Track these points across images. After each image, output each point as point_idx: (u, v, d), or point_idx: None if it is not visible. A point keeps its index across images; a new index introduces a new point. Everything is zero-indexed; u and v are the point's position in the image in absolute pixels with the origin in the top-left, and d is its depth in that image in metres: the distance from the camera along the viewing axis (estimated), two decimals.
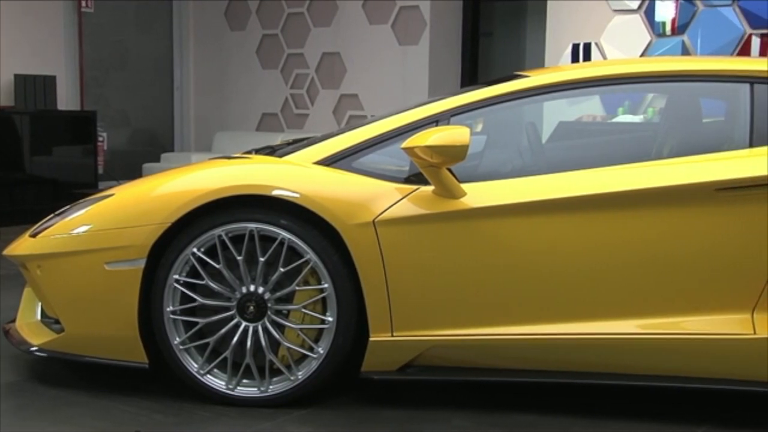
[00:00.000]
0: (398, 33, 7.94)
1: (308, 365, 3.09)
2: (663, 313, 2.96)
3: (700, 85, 3.37)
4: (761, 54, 5.39)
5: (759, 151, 3.02)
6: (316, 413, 3.06)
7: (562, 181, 3.04)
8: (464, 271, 3.02)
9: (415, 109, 3.33)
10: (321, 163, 3.20)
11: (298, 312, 3.09)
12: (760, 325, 2.91)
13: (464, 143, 2.90)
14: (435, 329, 3.04)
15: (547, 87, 3.27)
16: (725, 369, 2.96)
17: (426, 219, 3.02)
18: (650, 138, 3.82)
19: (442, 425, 2.98)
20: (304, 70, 8.64)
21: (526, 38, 8.21)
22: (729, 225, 2.93)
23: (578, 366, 3.04)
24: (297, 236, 3.04)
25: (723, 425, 2.99)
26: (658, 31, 5.90)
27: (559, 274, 3.00)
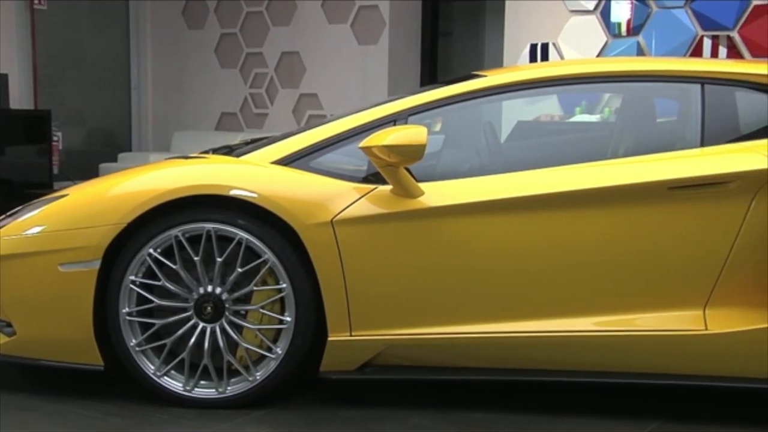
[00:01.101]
0: (357, 32, 7.94)
1: (267, 366, 3.07)
2: (618, 310, 3.00)
3: (654, 85, 3.42)
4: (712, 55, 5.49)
5: (710, 150, 3.08)
6: (274, 414, 3.05)
7: (519, 180, 3.07)
8: (422, 270, 3.04)
9: (373, 108, 3.33)
10: (279, 163, 3.19)
11: (256, 312, 3.08)
12: (711, 321, 2.96)
13: (422, 143, 2.91)
14: (393, 328, 3.05)
15: (503, 87, 3.30)
16: (678, 365, 3.01)
17: (384, 218, 3.02)
18: (606, 137, 3.87)
19: (401, 424, 2.99)
20: (263, 70, 8.60)
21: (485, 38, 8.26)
22: (681, 223, 2.98)
23: (535, 364, 3.07)
24: (255, 236, 3.02)
25: (677, 420, 3.04)
26: (614, 32, 5.98)
27: (516, 273, 3.02)
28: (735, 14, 5.38)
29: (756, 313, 2.95)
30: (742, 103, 3.17)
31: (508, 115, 4.12)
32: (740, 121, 3.17)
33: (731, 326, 2.92)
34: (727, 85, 3.17)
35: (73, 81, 9.04)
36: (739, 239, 2.94)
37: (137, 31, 9.26)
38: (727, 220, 2.95)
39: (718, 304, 2.98)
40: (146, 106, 9.37)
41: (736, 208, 2.94)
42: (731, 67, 3.32)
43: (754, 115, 3.16)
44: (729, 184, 2.92)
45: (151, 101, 9.35)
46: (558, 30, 6.33)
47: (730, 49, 5.43)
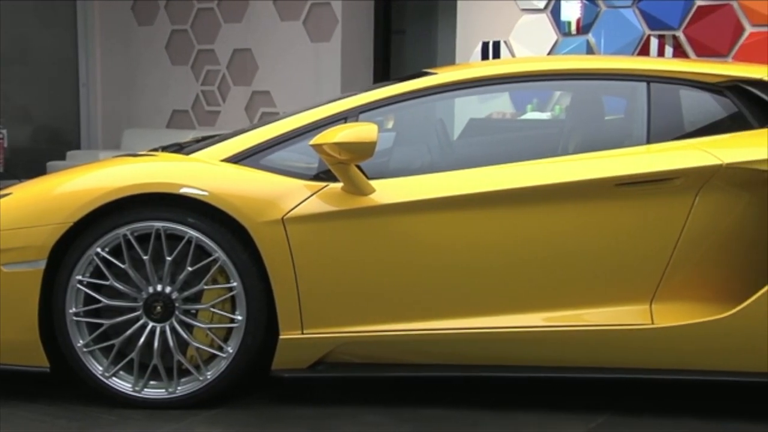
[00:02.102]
0: (310, 30, 7.91)
1: (217, 365, 3.05)
2: (566, 305, 3.04)
3: (602, 84, 3.47)
4: (659, 54, 5.58)
5: (656, 147, 3.13)
6: (225, 413, 3.03)
7: (470, 177, 3.09)
8: (374, 267, 3.04)
9: (324, 106, 3.33)
10: (229, 161, 3.16)
11: (207, 311, 3.05)
12: (658, 315, 3.01)
13: (372, 140, 2.91)
14: (346, 326, 3.05)
15: (454, 84, 3.31)
16: (626, 359, 3.05)
17: (335, 216, 3.02)
18: (556, 135, 3.92)
19: (353, 421, 2.99)
20: (215, 67, 8.52)
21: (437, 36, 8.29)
22: (628, 219, 3.02)
23: (486, 360, 3.09)
24: (205, 234, 3.00)
25: (623, 413, 3.09)
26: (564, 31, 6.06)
27: (466, 270, 3.04)
28: (680, 14, 5.48)
29: (700, 306, 3.01)
30: (686, 101, 3.23)
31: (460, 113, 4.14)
32: (685, 119, 3.23)
33: (677, 320, 2.98)
34: (671, 83, 3.23)
35: (19, 77, 8.84)
36: (684, 235, 3.00)
37: (85, 26, 9.09)
38: (672, 216, 3.00)
39: (664, 298, 3.03)
40: (95, 103, 9.22)
41: (681, 205, 2.99)
42: (676, 66, 3.39)
43: (697, 113, 3.23)
44: (674, 181, 2.98)
45: (101, 98, 9.20)
46: (509, 28, 6.38)
47: (675, 49, 5.53)
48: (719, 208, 3.00)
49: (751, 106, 3.14)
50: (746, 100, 3.15)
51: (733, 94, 3.17)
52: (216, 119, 8.59)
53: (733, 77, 3.20)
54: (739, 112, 3.16)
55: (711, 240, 3.01)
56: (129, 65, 9.08)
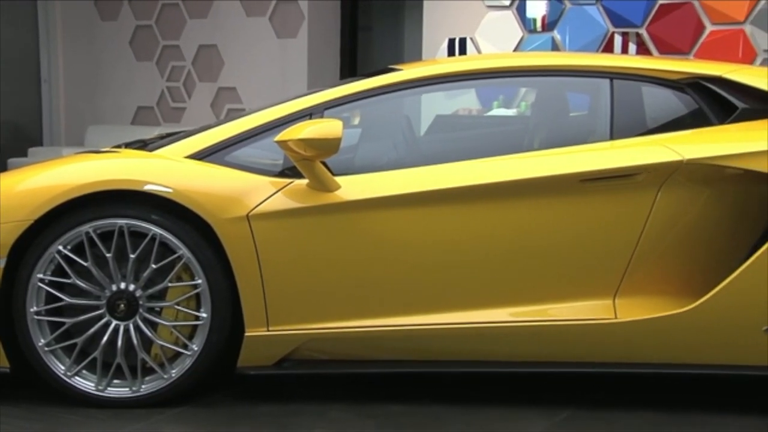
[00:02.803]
0: (276, 26, 7.87)
1: (182, 363, 3.03)
2: (531, 301, 3.06)
3: (566, 80, 3.50)
4: (623, 51, 5.64)
5: (619, 144, 3.16)
6: (190, 411, 3.01)
7: (435, 173, 3.10)
8: (340, 264, 3.04)
9: (289, 102, 3.31)
10: (193, 157, 3.14)
11: (171, 309, 3.03)
12: (621, 310, 3.05)
13: (337, 136, 2.91)
14: (311, 322, 3.04)
15: (419, 80, 3.32)
16: (590, 353, 3.08)
17: (300, 212, 3.01)
18: (522, 131, 3.94)
19: (319, 418, 2.99)
20: (180, 63, 8.45)
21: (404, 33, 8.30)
22: (592, 214, 3.05)
23: (452, 355, 3.11)
24: (169, 232, 2.98)
25: (587, 407, 3.12)
26: (530, 27, 6.09)
27: (432, 266, 3.05)
28: (643, 12, 5.54)
29: (663, 301, 3.05)
30: (648, 98, 3.26)
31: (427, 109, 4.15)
32: (647, 116, 3.27)
33: (639, 314, 3.01)
34: (634, 80, 3.27)
35: None
36: (647, 230, 3.04)
37: (46, 21, 8.96)
38: (635, 211, 3.04)
39: (627, 293, 3.07)
40: (58, 100, 9.09)
41: (644, 200, 3.03)
42: (638, 62, 3.43)
43: (659, 109, 3.27)
44: (636, 177, 3.01)
45: (63, 94, 9.07)
46: (475, 25, 6.41)
47: (639, 46, 5.59)
48: (681, 204, 3.04)
49: (710, 102, 3.19)
50: (706, 97, 3.20)
51: (694, 91, 3.22)
52: (181, 116, 8.52)
53: (694, 74, 3.24)
54: (699, 108, 3.20)
55: (673, 235, 3.05)
56: (92, 61, 8.97)
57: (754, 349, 2.99)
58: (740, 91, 3.17)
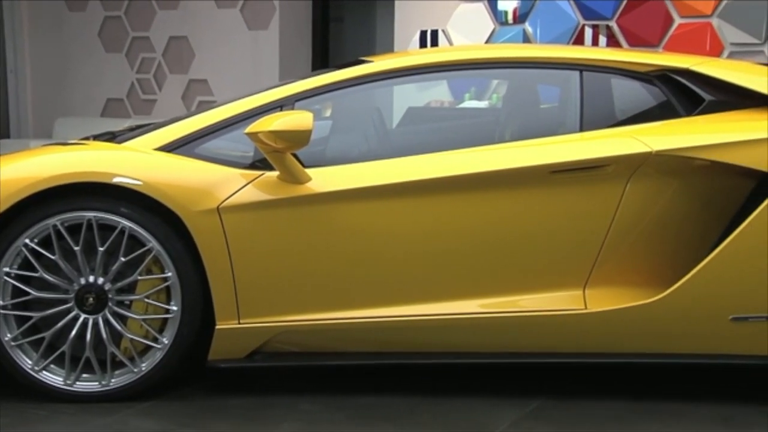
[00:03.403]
0: (247, 17, 7.82)
1: (152, 356, 3.01)
2: (502, 292, 3.07)
3: (537, 72, 3.51)
4: (593, 43, 5.67)
5: (588, 135, 3.17)
6: (160, 405, 3.00)
7: (407, 165, 3.10)
8: (311, 256, 3.03)
9: (260, 94, 3.30)
10: (163, 150, 3.12)
11: (141, 302, 3.01)
12: (590, 300, 3.07)
13: (307, 128, 2.90)
14: (282, 315, 3.04)
15: (390, 72, 3.32)
16: (560, 343, 3.11)
17: (271, 205, 3.00)
18: (493, 123, 3.95)
19: (290, 410, 2.99)
20: (150, 54, 8.37)
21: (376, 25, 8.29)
22: (562, 206, 3.07)
23: (423, 347, 3.12)
24: (138, 224, 2.96)
25: (558, 397, 3.15)
26: (501, 20, 6.10)
27: (403, 257, 3.05)
28: (613, 5, 5.57)
29: (632, 291, 3.08)
30: (617, 90, 3.29)
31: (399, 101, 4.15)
32: (616, 107, 3.29)
33: (609, 305, 3.03)
34: (603, 72, 3.28)
35: None
36: (616, 221, 3.06)
37: (12, 11, 8.82)
38: (604, 202, 3.06)
39: (597, 283, 3.09)
40: (25, 91, 8.96)
41: (613, 191, 3.05)
42: (607, 55, 3.45)
43: (628, 101, 3.29)
44: (606, 168, 3.03)
45: (30, 86, 8.95)
46: (447, 17, 6.41)
47: (609, 38, 5.63)
48: (649, 195, 3.06)
49: (678, 94, 3.21)
50: (674, 89, 3.22)
51: (662, 83, 3.24)
52: (152, 108, 8.45)
53: (662, 67, 3.26)
54: (667, 100, 3.23)
55: (641, 226, 3.08)
56: (60, 52, 8.86)
57: (720, 338, 3.03)
58: (707, 84, 3.20)
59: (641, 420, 2.94)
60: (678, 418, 2.96)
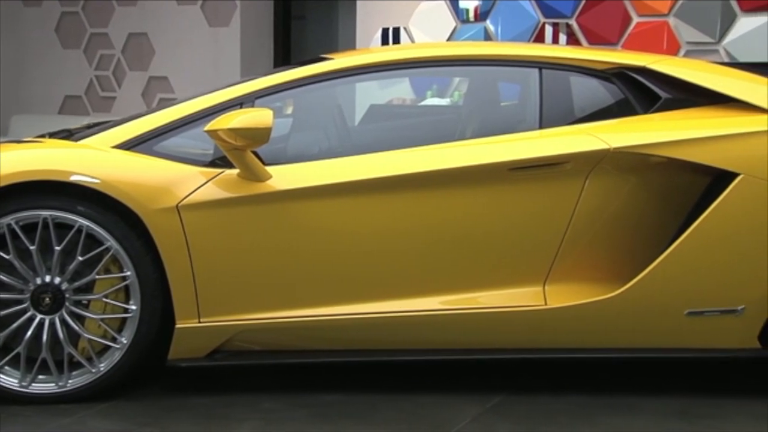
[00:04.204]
0: (208, 14, 7.77)
1: (111, 356, 2.98)
2: (463, 289, 3.09)
3: (497, 69, 3.53)
4: (554, 41, 5.71)
5: (547, 132, 3.20)
6: (119, 405, 2.97)
7: (367, 162, 3.10)
8: (271, 254, 3.02)
9: (219, 91, 3.28)
10: (121, 147, 3.09)
11: (99, 302, 2.98)
12: (550, 296, 3.10)
13: (267, 126, 2.89)
14: (244, 313, 3.03)
15: (350, 69, 3.32)
16: (521, 339, 3.13)
17: (231, 203, 2.99)
18: (454, 120, 3.97)
19: (251, 409, 2.97)
20: (109, 51, 8.28)
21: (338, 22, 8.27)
22: (521, 203, 3.09)
23: (385, 344, 3.12)
24: (96, 223, 2.93)
25: (518, 392, 3.17)
26: (463, 18, 6.13)
27: (364, 255, 3.05)
28: (573, 4, 5.63)
29: (591, 287, 3.11)
30: (576, 88, 3.32)
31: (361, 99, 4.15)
32: (575, 105, 3.32)
33: (568, 300, 3.06)
34: (562, 70, 3.31)
35: None
36: (575, 217, 3.09)
37: None
38: (563, 199, 3.09)
39: (557, 279, 3.12)
40: None
41: (572, 188, 3.08)
42: (566, 53, 3.48)
43: (587, 98, 3.32)
44: (565, 165, 3.06)
45: None
46: (409, 15, 6.42)
47: (569, 36, 5.68)
48: (608, 191, 3.10)
49: (635, 92, 3.25)
50: (631, 87, 3.26)
51: (620, 81, 3.28)
52: (111, 105, 8.35)
53: (619, 65, 3.30)
54: (625, 98, 3.27)
55: (601, 222, 3.11)
56: (16, 48, 8.72)
57: (677, 332, 3.08)
58: (663, 82, 3.24)
59: (600, 414, 2.97)
60: (635, 411, 3.00)
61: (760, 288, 3.00)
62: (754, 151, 3.01)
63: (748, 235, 2.99)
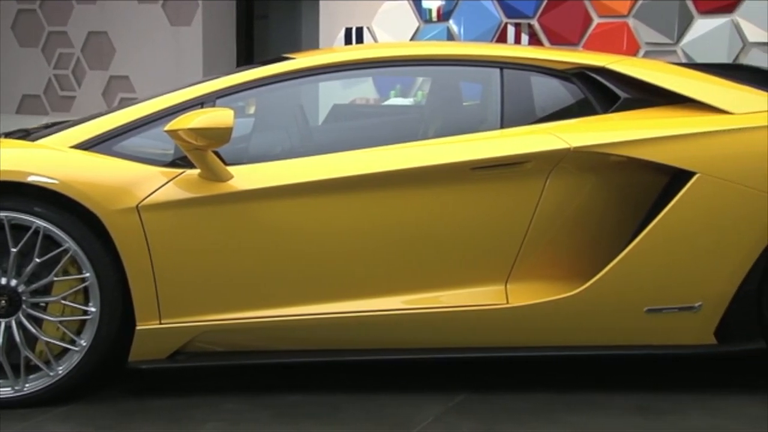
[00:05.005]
0: (169, 13, 7.70)
1: (70, 359, 2.95)
2: (425, 288, 3.09)
3: (459, 69, 3.55)
4: (516, 41, 5.75)
5: (509, 132, 3.22)
6: (78, 409, 2.93)
7: (329, 162, 3.10)
8: (233, 254, 3.01)
9: (180, 90, 3.27)
10: (80, 147, 3.06)
11: (58, 304, 2.94)
12: (512, 295, 3.12)
13: (228, 126, 2.87)
14: (205, 314, 3.01)
15: (312, 69, 3.32)
16: (483, 338, 3.14)
17: (192, 203, 2.97)
18: (417, 120, 3.98)
19: (213, 410, 2.95)
20: (68, 50, 8.17)
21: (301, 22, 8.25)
22: (483, 202, 3.11)
23: (347, 344, 3.12)
24: (54, 224, 2.89)
25: (481, 391, 3.18)
26: (426, 18, 6.14)
27: (326, 255, 3.05)
28: (534, 4, 5.66)
29: (553, 285, 3.13)
30: (537, 88, 3.34)
31: (325, 99, 4.14)
32: (536, 105, 3.34)
33: (530, 299, 3.08)
34: (523, 70, 3.34)
35: None
36: (536, 216, 3.11)
37: None
38: (524, 198, 3.11)
39: (519, 278, 3.14)
40: None
41: (533, 187, 3.10)
42: (527, 53, 3.50)
43: (547, 98, 3.35)
44: (526, 164, 3.08)
45: None
46: (372, 15, 6.42)
47: (531, 37, 5.72)
48: (568, 190, 3.13)
49: (595, 92, 3.29)
50: (591, 87, 3.29)
51: (580, 81, 3.31)
52: (71, 105, 8.25)
53: (579, 65, 3.34)
54: (585, 98, 3.30)
55: (561, 221, 3.14)
56: None
57: (636, 329, 3.11)
58: (622, 82, 3.28)
59: (560, 411, 3.00)
60: (596, 408, 3.03)
61: (716, 285, 3.05)
62: (711, 150, 3.05)
63: (705, 233, 3.04)
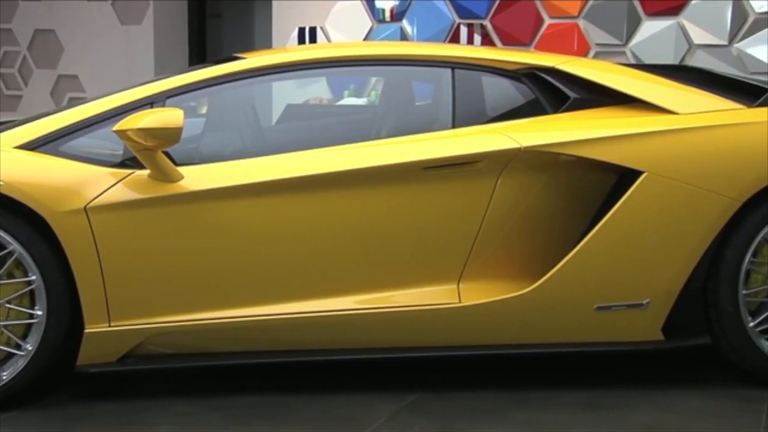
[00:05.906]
0: (119, 12, 7.60)
1: (15, 364, 2.90)
2: (377, 288, 3.10)
3: (411, 69, 3.56)
4: (469, 42, 5.79)
5: (460, 132, 3.24)
6: (25, 414, 2.88)
7: (281, 162, 3.08)
8: (184, 256, 2.98)
9: (129, 90, 3.23)
10: (25, 148, 3.01)
11: (2, 307, 2.88)
12: (465, 294, 3.14)
13: (178, 126, 2.85)
14: (156, 316, 2.98)
15: (262, 69, 3.31)
16: (436, 337, 3.16)
17: (142, 204, 2.93)
18: (370, 120, 3.98)
19: (164, 413, 2.93)
20: (14, 48, 8.03)
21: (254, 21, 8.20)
22: (435, 202, 3.12)
23: (300, 344, 3.11)
24: None
25: (434, 390, 3.20)
26: (379, 18, 6.16)
27: (278, 255, 3.04)
28: (486, 4, 5.71)
29: (505, 284, 3.16)
30: (488, 88, 3.37)
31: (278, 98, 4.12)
32: (487, 105, 3.37)
33: (482, 298, 3.10)
34: (474, 70, 3.36)
35: None
36: (488, 215, 3.14)
37: None
38: (476, 197, 3.13)
39: (471, 277, 3.16)
40: None
41: (485, 187, 3.12)
42: (478, 53, 3.53)
43: (498, 98, 3.38)
44: (477, 164, 3.10)
45: None
46: (325, 15, 6.41)
47: (484, 37, 5.76)
48: (520, 190, 3.16)
49: (545, 92, 3.32)
50: (541, 87, 3.33)
51: (530, 81, 3.34)
52: (18, 104, 8.10)
53: (529, 65, 3.37)
54: (535, 98, 3.33)
55: (513, 220, 3.17)
56: None
57: (587, 327, 3.15)
58: (572, 82, 3.32)
59: (513, 408, 3.03)
60: (547, 405, 3.06)
61: (663, 282, 3.10)
62: (658, 150, 3.10)
63: (653, 232, 3.09)
